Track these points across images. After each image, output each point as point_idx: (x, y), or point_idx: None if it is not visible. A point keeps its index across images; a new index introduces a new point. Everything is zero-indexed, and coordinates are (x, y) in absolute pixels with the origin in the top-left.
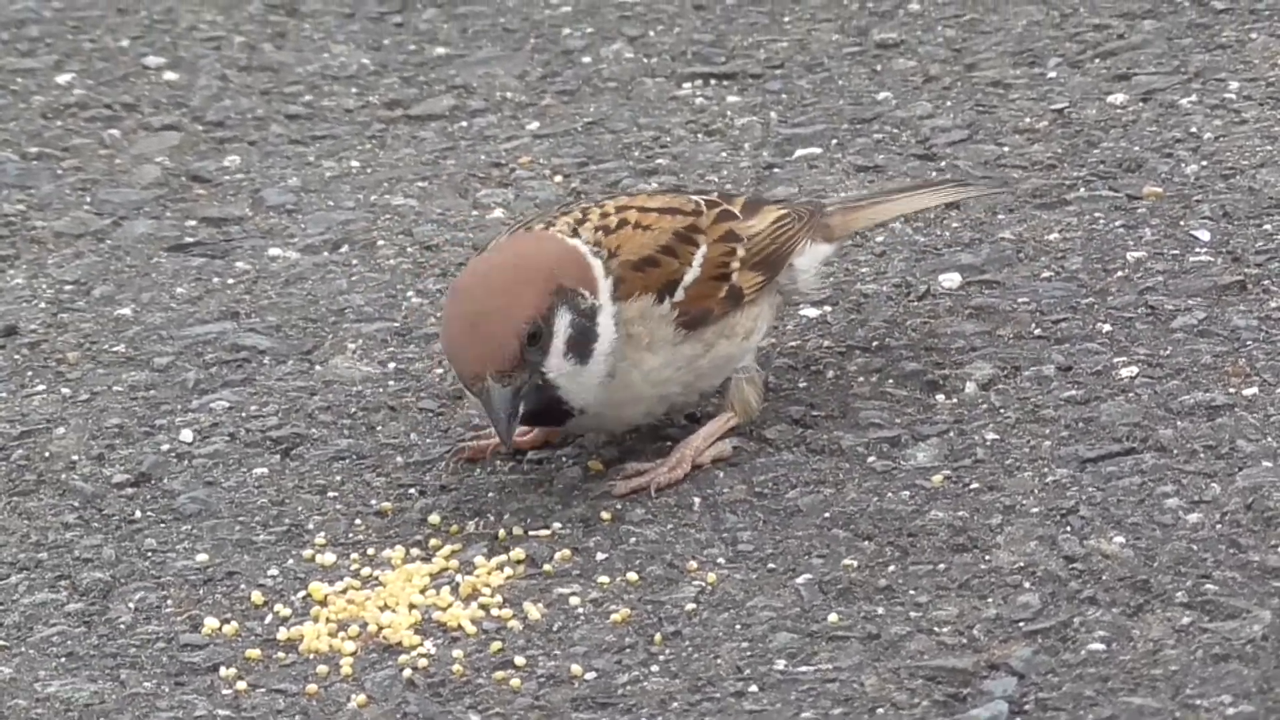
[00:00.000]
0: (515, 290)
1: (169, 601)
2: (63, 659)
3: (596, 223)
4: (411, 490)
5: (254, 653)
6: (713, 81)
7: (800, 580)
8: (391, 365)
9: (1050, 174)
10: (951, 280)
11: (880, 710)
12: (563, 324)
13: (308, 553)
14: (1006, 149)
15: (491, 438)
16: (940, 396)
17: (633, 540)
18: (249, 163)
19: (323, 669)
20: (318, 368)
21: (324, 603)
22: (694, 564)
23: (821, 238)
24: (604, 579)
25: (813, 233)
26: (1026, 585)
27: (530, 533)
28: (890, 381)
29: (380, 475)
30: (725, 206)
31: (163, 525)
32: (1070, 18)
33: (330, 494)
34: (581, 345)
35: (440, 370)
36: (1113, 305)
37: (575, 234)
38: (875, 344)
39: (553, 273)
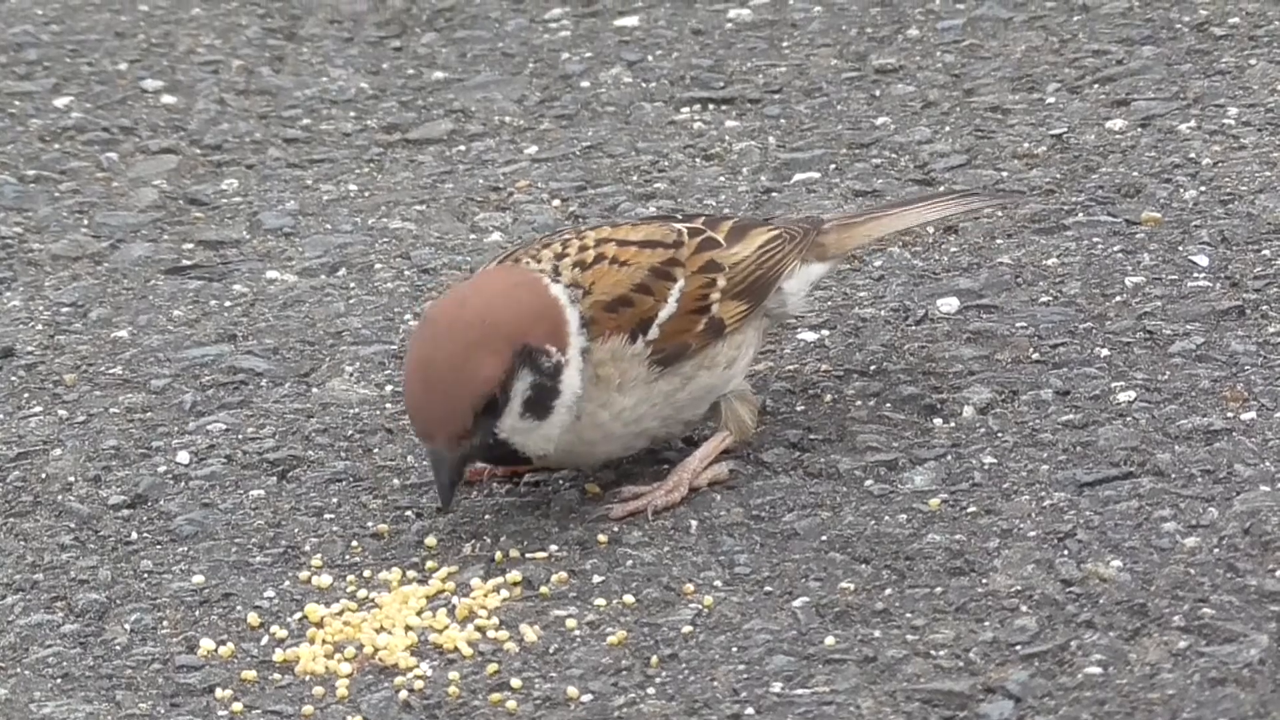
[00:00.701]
0: (476, 356)
1: (165, 623)
2: (58, 680)
3: (575, 257)
4: (408, 512)
5: (250, 674)
6: (711, 106)
7: (797, 603)
8: (389, 388)
9: (1049, 199)
10: (949, 305)
11: None
12: (521, 386)
13: (304, 574)
14: (1005, 174)
15: None
16: (938, 420)
17: (629, 563)
18: (247, 186)
19: (319, 690)
20: (315, 390)
21: (320, 624)
22: (691, 586)
23: (814, 257)
24: (600, 601)
25: (805, 253)
26: (1023, 609)
27: (527, 555)
28: (888, 405)
29: (377, 497)
30: (708, 234)
31: (159, 547)
32: (1069, 44)
33: (327, 516)
34: (540, 404)
35: None
36: (1111, 330)
37: (556, 273)
38: (873, 368)
39: (518, 331)
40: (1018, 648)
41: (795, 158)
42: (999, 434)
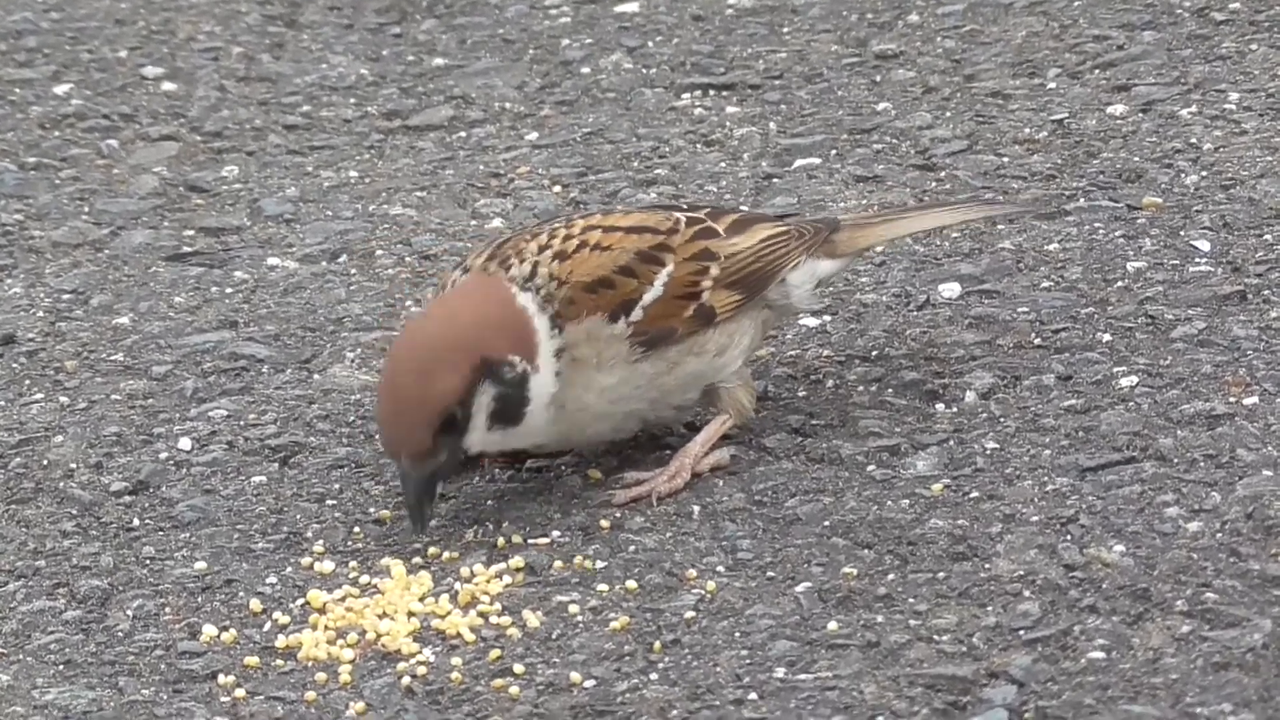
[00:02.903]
0: (434, 373)
1: (167, 609)
2: (60, 666)
3: (557, 248)
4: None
5: (252, 660)
6: (712, 92)
7: (800, 588)
8: None
9: (1050, 184)
10: (951, 290)
11: (880, 718)
12: (484, 400)
13: (306, 560)
14: (1006, 159)
15: None
16: (940, 406)
17: (632, 548)
18: (247, 173)
19: (321, 676)
20: (316, 376)
21: (322, 610)
22: (693, 572)
23: (825, 254)
24: (603, 587)
25: (814, 250)
26: (1026, 594)
27: (529, 541)
28: (890, 390)
29: (379, 483)
30: (707, 224)
31: (161, 533)
32: (1070, 29)
33: (329, 502)
34: (509, 413)
35: None
36: (1113, 315)
37: (530, 277)
38: (875, 353)
39: (477, 345)
40: (1021, 632)
41: (796, 143)
42: (1001, 419)
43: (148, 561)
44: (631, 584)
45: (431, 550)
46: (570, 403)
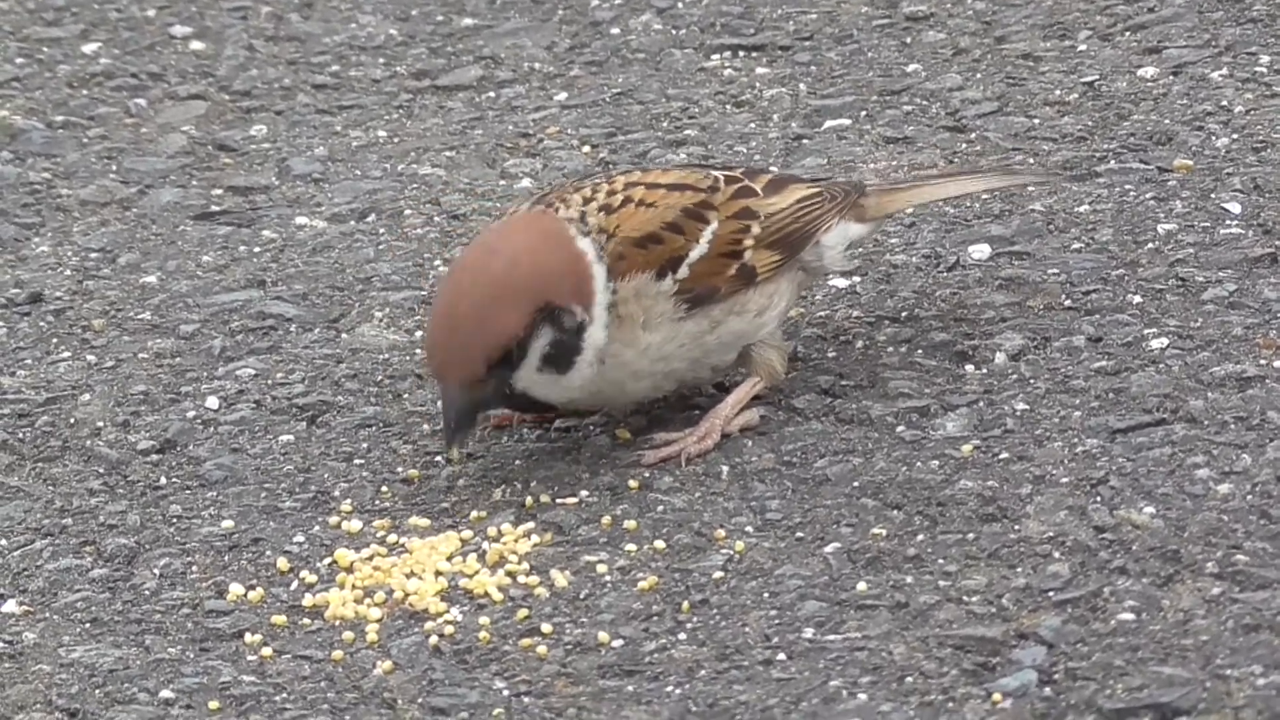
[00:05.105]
0: (498, 307)
1: (194, 568)
2: (87, 624)
3: (602, 201)
4: (438, 458)
5: (279, 619)
6: (741, 53)
7: (829, 549)
8: (418, 333)
9: (1080, 146)
10: (981, 251)
11: (909, 679)
12: (540, 344)
13: (334, 519)
14: (1037, 121)
15: None
16: (970, 367)
17: (660, 508)
18: (275, 132)
19: (348, 635)
20: (344, 336)
21: (350, 569)
22: (722, 532)
23: (854, 217)
24: (631, 547)
25: (845, 212)
26: (1056, 555)
27: (558, 500)
28: (919, 352)
29: (407, 443)
30: (745, 183)
31: (188, 492)
32: None
33: (356, 461)
34: (560, 360)
35: None
36: (1143, 277)
37: (584, 221)
38: (904, 314)
39: (543, 288)
40: (1050, 594)
41: (826, 104)
42: (1031, 381)
43: (175, 520)
44: (660, 544)
45: (459, 509)
46: (611, 358)
